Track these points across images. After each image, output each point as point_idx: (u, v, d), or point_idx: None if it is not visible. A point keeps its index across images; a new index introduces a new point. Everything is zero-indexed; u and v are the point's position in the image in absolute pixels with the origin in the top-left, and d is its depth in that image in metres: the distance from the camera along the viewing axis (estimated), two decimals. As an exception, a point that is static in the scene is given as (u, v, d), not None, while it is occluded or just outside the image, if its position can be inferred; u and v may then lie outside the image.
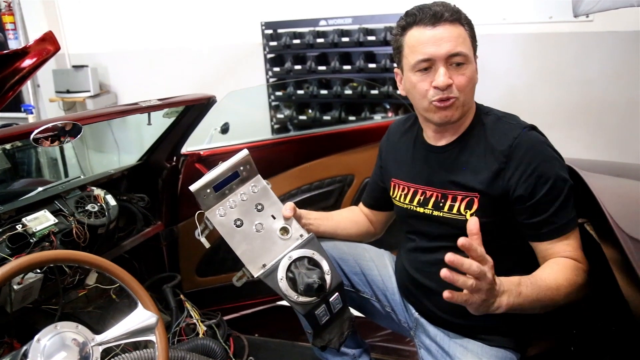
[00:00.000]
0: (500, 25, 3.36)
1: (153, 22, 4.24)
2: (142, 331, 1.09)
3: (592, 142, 3.32)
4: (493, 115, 1.25)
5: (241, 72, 4.06)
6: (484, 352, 1.24)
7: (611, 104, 3.19)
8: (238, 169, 1.24)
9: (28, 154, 3.10)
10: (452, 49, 1.15)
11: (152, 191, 2.00)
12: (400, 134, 1.43)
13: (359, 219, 1.57)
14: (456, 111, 1.20)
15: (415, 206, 1.31)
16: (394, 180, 1.39)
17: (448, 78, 1.16)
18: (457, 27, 1.17)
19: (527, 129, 1.19)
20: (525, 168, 1.15)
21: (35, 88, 4.72)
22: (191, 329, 1.90)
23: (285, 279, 1.16)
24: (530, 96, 3.41)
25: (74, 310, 1.73)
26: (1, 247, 1.35)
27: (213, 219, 1.20)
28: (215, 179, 1.20)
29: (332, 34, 3.61)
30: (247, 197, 1.24)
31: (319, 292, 1.15)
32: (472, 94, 1.22)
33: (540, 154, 1.16)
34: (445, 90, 1.17)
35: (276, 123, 3.99)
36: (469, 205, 1.20)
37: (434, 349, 1.32)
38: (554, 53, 3.30)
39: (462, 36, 1.17)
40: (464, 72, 1.17)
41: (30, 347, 0.95)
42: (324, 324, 1.19)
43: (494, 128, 1.22)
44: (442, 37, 1.15)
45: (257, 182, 1.27)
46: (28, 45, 1.05)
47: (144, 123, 1.84)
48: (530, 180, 1.14)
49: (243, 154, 1.25)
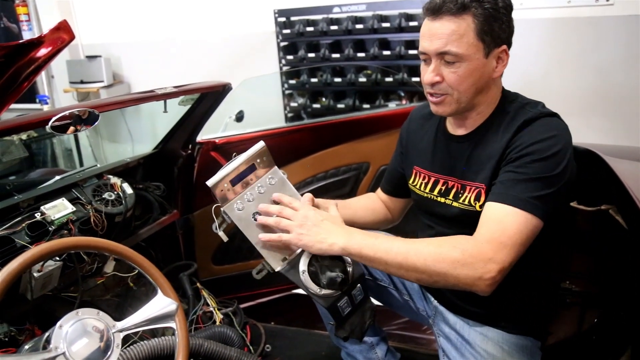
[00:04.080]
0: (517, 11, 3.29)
1: (166, 12, 4.23)
2: (162, 318, 1.09)
3: (612, 129, 3.25)
4: (518, 103, 1.20)
5: (254, 61, 4.04)
6: (504, 339, 1.22)
7: (632, 90, 3.13)
8: (255, 162, 1.21)
9: (44, 145, 3.13)
10: (440, 47, 1.10)
11: (167, 180, 2.01)
12: (423, 120, 1.40)
13: (377, 206, 1.55)
14: (448, 107, 1.17)
15: (436, 196, 1.29)
16: (416, 167, 1.37)
17: (435, 75, 1.13)
18: (459, 20, 1.08)
19: (545, 115, 1.14)
20: (521, 146, 1.10)
21: (50, 79, 4.75)
22: (208, 317, 1.91)
23: (307, 272, 1.15)
24: (548, 83, 3.35)
25: (93, 298, 1.74)
26: (21, 235, 1.36)
27: (231, 213, 1.17)
28: (231, 172, 1.17)
29: (346, 21, 3.58)
30: (265, 190, 1.22)
31: (343, 285, 1.14)
32: (472, 91, 1.15)
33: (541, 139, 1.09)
34: (433, 87, 1.15)
35: (290, 111, 3.97)
36: (478, 197, 1.17)
37: (454, 337, 1.31)
38: (573, 38, 3.23)
39: (460, 32, 1.08)
40: (455, 70, 1.12)
41: (52, 333, 0.95)
42: (346, 315, 1.18)
43: (514, 117, 1.17)
44: (435, 33, 1.11)
45: (274, 174, 1.24)
46: (43, 34, 1.04)
47: (157, 112, 1.84)
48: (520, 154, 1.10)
49: (259, 146, 1.22)
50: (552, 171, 1.07)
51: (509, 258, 1.02)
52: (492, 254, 1.02)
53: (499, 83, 1.21)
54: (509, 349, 1.21)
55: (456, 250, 1.03)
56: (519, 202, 1.05)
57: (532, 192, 1.06)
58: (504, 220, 1.05)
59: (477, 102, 1.18)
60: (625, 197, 1.08)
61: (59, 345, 0.93)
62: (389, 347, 1.62)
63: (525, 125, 1.12)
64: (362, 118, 2.42)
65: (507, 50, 1.16)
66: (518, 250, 1.04)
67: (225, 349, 1.51)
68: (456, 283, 1.03)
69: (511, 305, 1.10)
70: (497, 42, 1.12)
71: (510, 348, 1.21)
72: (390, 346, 1.64)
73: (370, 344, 1.58)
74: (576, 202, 1.46)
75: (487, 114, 1.21)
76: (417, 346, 1.94)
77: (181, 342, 1.12)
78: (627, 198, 1.06)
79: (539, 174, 1.07)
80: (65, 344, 0.94)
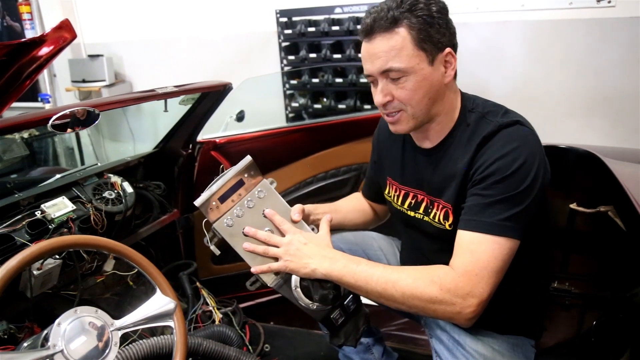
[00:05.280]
0: (518, 12, 3.30)
1: (168, 11, 4.23)
2: (160, 317, 1.09)
3: (612, 130, 3.24)
4: (477, 113, 1.15)
5: (256, 60, 4.05)
6: (494, 339, 1.22)
7: (633, 92, 3.12)
8: (242, 177, 1.20)
9: (45, 143, 3.13)
10: (382, 66, 1.08)
11: (168, 179, 2.01)
12: (389, 131, 1.31)
13: (365, 207, 1.54)
14: (406, 125, 1.14)
15: (407, 209, 1.28)
16: (389, 179, 1.35)
17: (385, 95, 1.11)
18: (394, 35, 1.06)
19: (504, 126, 1.09)
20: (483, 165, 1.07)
21: (52, 77, 4.76)
22: (207, 317, 1.91)
23: (299, 287, 1.15)
24: (549, 84, 3.34)
25: (92, 296, 1.75)
26: (21, 232, 1.36)
27: (221, 229, 1.16)
28: (219, 189, 1.16)
29: (348, 21, 3.57)
30: (254, 203, 1.20)
31: (335, 301, 1.16)
32: (426, 102, 1.11)
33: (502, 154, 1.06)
34: (385, 107, 1.13)
35: (291, 112, 3.97)
36: (446, 216, 1.16)
37: (445, 339, 1.31)
38: (574, 40, 3.22)
39: (397, 47, 1.05)
40: (403, 85, 1.08)
41: (50, 331, 0.95)
42: (339, 325, 1.19)
43: (475, 129, 1.13)
44: (374, 53, 1.08)
45: (262, 187, 1.23)
46: (45, 33, 1.04)
47: (159, 111, 1.84)
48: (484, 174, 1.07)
49: (247, 161, 1.21)
50: (517, 188, 1.04)
51: (487, 289, 1.02)
52: (469, 288, 1.01)
53: (454, 87, 1.18)
54: (499, 348, 1.20)
55: (434, 287, 1.03)
56: (489, 227, 1.03)
57: (501, 214, 1.03)
58: (477, 250, 1.03)
59: (435, 112, 1.15)
60: (624, 199, 1.08)
61: (57, 342, 0.94)
62: (385, 348, 1.62)
63: (485, 142, 1.09)
64: (363, 119, 2.42)
65: (453, 52, 1.11)
66: (497, 278, 1.03)
67: (224, 348, 1.51)
68: (435, 316, 1.07)
69: (499, 307, 1.09)
70: (439, 47, 1.08)
71: (501, 347, 1.21)
72: (387, 346, 1.64)
73: (366, 345, 1.58)
74: (575, 204, 1.46)
75: (450, 125, 1.18)
76: (415, 347, 1.94)
77: (179, 340, 1.12)
78: (626, 200, 1.06)
79: (505, 194, 1.04)
80: (63, 341, 0.94)
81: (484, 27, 3.30)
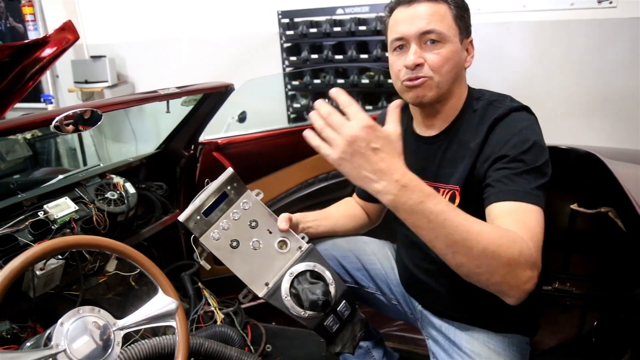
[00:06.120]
0: (520, 13, 3.30)
1: (170, 13, 4.24)
2: (162, 317, 1.10)
3: (613, 131, 3.24)
4: (484, 100, 1.18)
5: (257, 61, 4.05)
6: (490, 338, 1.22)
7: (634, 92, 3.12)
8: (225, 189, 1.19)
9: (48, 144, 3.13)
10: (424, 27, 1.11)
11: (170, 179, 2.02)
12: None
13: (356, 212, 1.52)
14: (429, 91, 1.15)
15: None
16: None
17: (418, 57, 1.12)
18: (438, 4, 1.13)
19: (514, 109, 1.12)
20: (500, 143, 1.08)
21: (54, 78, 4.77)
22: (209, 317, 1.91)
23: (289, 296, 1.14)
24: (550, 85, 3.34)
25: (95, 296, 1.75)
26: (24, 233, 1.37)
27: (208, 243, 1.16)
28: (203, 204, 1.16)
29: (349, 22, 3.58)
30: (240, 216, 1.19)
31: (325, 307, 1.13)
32: (452, 76, 1.15)
33: (517, 131, 1.07)
34: (414, 70, 1.13)
35: (293, 112, 3.97)
36: (452, 199, 1.15)
37: (441, 339, 1.31)
38: (575, 40, 3.22)
39: (441, 14, 1.12)
40: (438, 51, 1.12)
41: (53, 331, 0.96)
42: (334, 332, 1.17)
43: (483, 115, 1.15)
44: (415, 15, 1.12)
45: (247, 198, 1.21)
46: (48, 34, 1.05)
47: (161, 112, 1.85)
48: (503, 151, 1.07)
49: (228, 173, 1.20)
50: (537, 161, 1.04)
51: (540, 261, 0.93)
52: (536, 256, 0.92)
53: (465, 77, 1.23)
54: (495, 347, 1.21)
55: (515, 248, 0.89)
56: (524, 195, 0.99)
57: (531, 183, 1.01)
58: (525, 219, 0.97)
59: (452, 91, 1.18)
60: (625, 200, 1.08)
61: (60, 342, 0.95)
62: (386, 350, 1.61)
63: (497, 123, 1.11)
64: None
65: (472, 44, 1.21)
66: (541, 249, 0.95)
67: (225, 349, 1.52)
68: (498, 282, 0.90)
69: (492, 306, 1.08)
70: (467, 32, 1.18)
71: (496, 346, 1.21)
72: (388, 347, 1.63)
73: (366, 349, 1.57)
74: (576, 205, 1.46)
75: (456, 111, 1.21)
76: (416, 347, 1.94)
77: (181, 341, 1.13)
78: (626, 201, 1.07)
79: (530, 165, 1.03)
80: (66, 341, 0.95)
81: (486, 28, 3.30)
